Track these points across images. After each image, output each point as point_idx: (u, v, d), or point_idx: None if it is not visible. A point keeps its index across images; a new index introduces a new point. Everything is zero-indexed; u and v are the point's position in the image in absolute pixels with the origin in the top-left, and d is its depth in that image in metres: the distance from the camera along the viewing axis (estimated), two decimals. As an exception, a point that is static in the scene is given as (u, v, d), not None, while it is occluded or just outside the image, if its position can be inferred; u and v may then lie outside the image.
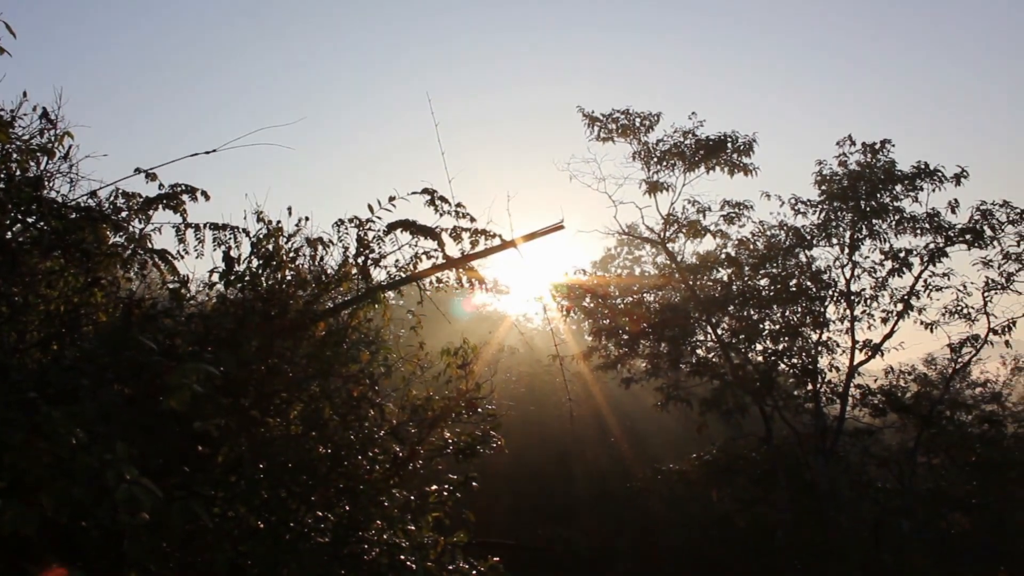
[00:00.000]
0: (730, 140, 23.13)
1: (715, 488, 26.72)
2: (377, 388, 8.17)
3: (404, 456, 8.13)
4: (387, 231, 8.32)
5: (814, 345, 24.27)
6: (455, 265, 8.44)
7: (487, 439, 8.70)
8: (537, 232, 8.33)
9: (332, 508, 7.29)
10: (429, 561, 7.63)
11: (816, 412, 24.68)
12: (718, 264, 24.68)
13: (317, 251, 8.43)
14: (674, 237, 24.83)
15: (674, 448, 32.40)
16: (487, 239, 8.43)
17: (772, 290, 24.28)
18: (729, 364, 24.22)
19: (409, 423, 8.32)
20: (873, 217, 23.73)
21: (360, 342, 8.08)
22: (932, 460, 29.49)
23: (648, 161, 23.76)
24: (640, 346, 24.76)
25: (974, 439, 27.74)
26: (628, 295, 25.68)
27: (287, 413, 7.54)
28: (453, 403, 8.55)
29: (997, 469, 26.93)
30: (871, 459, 27.03)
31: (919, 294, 23.93)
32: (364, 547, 7.04)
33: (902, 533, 24.82)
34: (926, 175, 23.35)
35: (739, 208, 24.09)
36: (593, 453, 34.61)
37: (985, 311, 23.99)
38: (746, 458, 26.18)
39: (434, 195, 8.43)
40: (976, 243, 23.21)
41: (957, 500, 26.89)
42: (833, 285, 24.36)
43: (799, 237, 24.33)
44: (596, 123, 23.77)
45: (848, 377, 24.51)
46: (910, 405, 25.85)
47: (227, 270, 7.78)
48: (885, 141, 23.90)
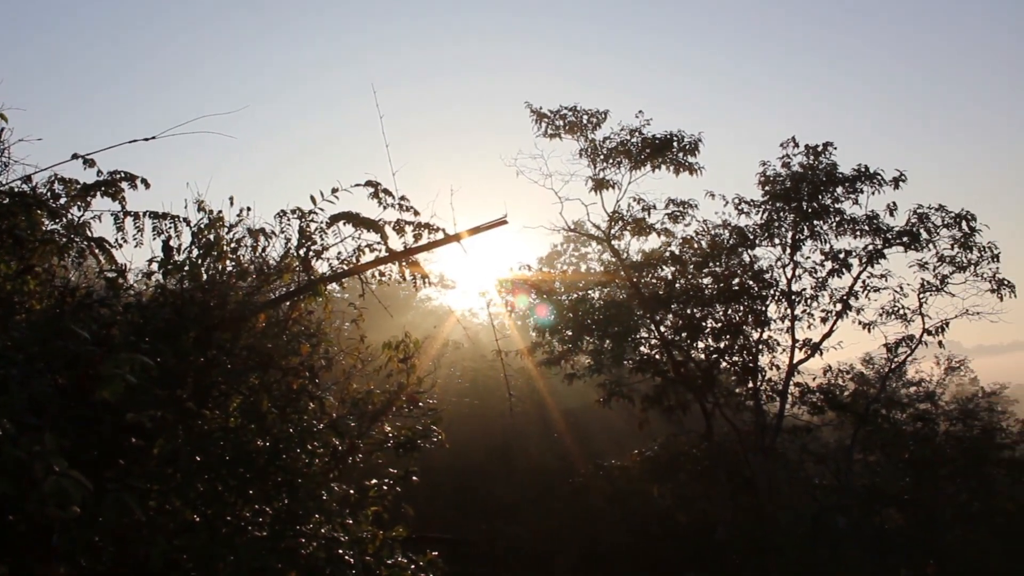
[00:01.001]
0: (676, 139, 23.28)
1: (657, 484, 26.93)
2: (317, 381, 8.11)
3: (344, 450, 8.07)
4: (330, 223, 8.25)
5: (755, 343, 24.56)
6: (398, 258, 8.40)
7: (428, 433, 8.68)
8: (480, 227, 8.31)
9: (270, 501, 7.22)
10: (367, 555, 7.59)
11: (756, 409, 25.00)
12: (662, 262, 24.84)
13: (259, 242, 8.34)
14: (620, 235, 24.95)
15: (617, 444, 32.60)
16: (431, 233, 8.40)
17: (715, 288, 24.52)
18: (671, 361, 24.42)
19: (349, 416, 8.26)
20: (814, 218, 24.09)
21: (301, 334, 8.02)
22: (868, 457, 30.10)
23: (595, 158, 23.83)
24: (584, 342, 24.85)
25: (908, 437, 28.40)
26: (572, 291, 25.74)
27: (225, 405, 7.46)
28: (394, 397, 8.52)
29: (929, 466, 27.57)
30: (809, 456, 27.48)
31: (857, 294, 24.37)
32: (302, 541, 6.97)
33: (838, 528, 25.26)
34: (866, 178, 23.76)
35: (684, 207, 24.29)
36: (536, 449, 34.69)
37: (920, 312, 24.52)
38: (687, 455, 26.44)
39: (378, 188, 8.38)
40: (912, 245, 23.71)
41: (891, 496, 27.47)
42: (775, 284, 24.68)
43: (742, 237, 24.60)
44: (544, 119, 23.78)
45: (788, 375, 24.86)
46: (847, 403, 26.34)
47: (166, 259, 7.66)
48: (827, 144, 24.25)
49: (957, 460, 27.46)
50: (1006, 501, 27.31)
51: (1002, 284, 23.27)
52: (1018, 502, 27.26)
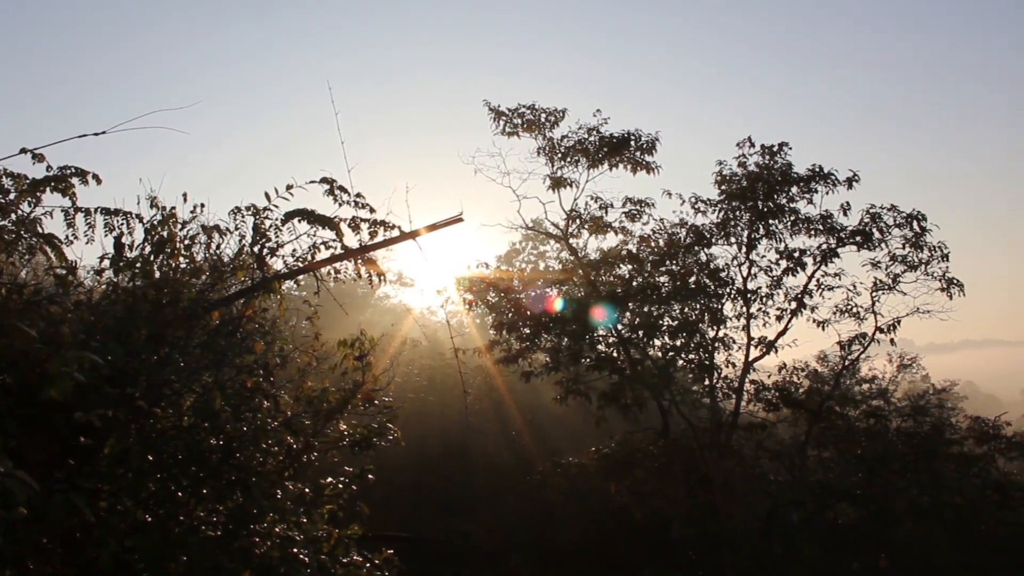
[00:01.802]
0: (633, 138, 23.39)
1: (613, 481, 27.04)
2: (272, 379, 8.06)
3: (298, 448, 8.03)
4: (285, 220, 8.20)
5: (711, 341, 24.75)
6: (353, 255, 8.37)
7: (384, 431, 8.65)
8: (436, 224, 8.31)
9: (223, 501, 7.16)
10: (322, 554, 7.56)
11: (712, 407, 25.20)
12: (620, 260, 24.94)
13: (213, 239, 8.26)
14: (577, 233, 25.04)
15: (574, 441, 32.71)
16: (386, 230, 8.38)
17: (672, 287, 24.67)
18: (628, 359, 24.53)
19: (304, 415, 8.22)
20: (770, 217, 24.33)
21: (255, 332, 7.97)
22: (822, 453, 30.50)
23: (552, 157, 23.87)
24: (542, 340, 24.89)
25: (860, 433, 28.83)
26: (530, 289, 25.76)
27: (178, 404, 7.37)
28: (350, 395, 8.48)
29: (881, 461, 28.00)
30: (764, 452, 27.77)
31: (812, 293, 24.66)
32: (256, 540, 6.93)
33: (792, 524, 25.56)
34: (820, 178, 24.05)
35: (641, 205, 24.42)
36: (494, 446, 34.74)
37: (873, 310, 24.86)
38: (643, 452, 26.59)
39: (333, 185, 8.34)
40: (865, 245, 24.05)
41: (844, 492, 27.84)
42: (731, 283, 24.88)
43: (699, 235, 24.78)
44: (502, 117, 23.77)
45: (743, 373, 25.09)
46: (802, 400, 26.65)
47: (118, 256, 7.56)
48: (783, 144, 24.48)
49: (908, 456, 27.91)
50: (954, 495, 27.79)
51: (952, 283, 23.67)
52: (966, 496, 27.77)
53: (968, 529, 27.27)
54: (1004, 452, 29.38)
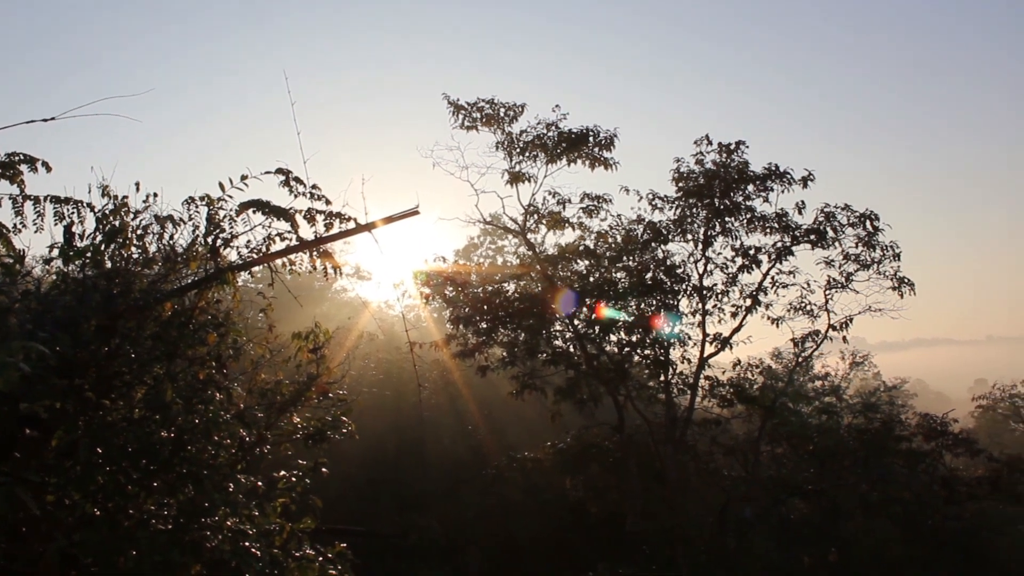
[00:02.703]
0: (592, 134, 23.46)
1: (569, 476, 27.18)
2: (225, 371, 7.97)
3: (251, 441, 7.95)
4: (239, 211, 8.08)
5: (667, 337, 24.91)
6: (308, 247, 8.29)
7: (338, 424, 8.60)
8: (392, 217, 8.26)
9: (174, 494, 7.07)
10: (275, 548, 7.50)
11: (667, 402, 25.38)
12: (577, 256, 25.01)
13: (166, 229, 8.13)
14: (535, 228, 25.07)
15: (531, 436, 32.77)
16: (342, 222, 8.31)
17: (628, 283, 24.80)
18: (584, 354, 24.62)
19: (257, 407, 8.14)
20: (726, 215, 24.55)
21: (208, 324, 7.86)
22: (775, 449, 30.88)
23: (511, 151, 23.87)
24: (499, 334, 24.91)
25: (813, 429, 29.22)
26: (488, 284, 25.76)
27: (129, 396, 7.27)
28: (304, 388, 8.42)
29: (833, 457, 28.40)
30: (718, 448, 28.05)
31: (767, 290, 24.94)
32: (207, 534, 6.85)
33: (745, 519, 25.83)
34: (776, 176, 24.30)
35: (598, 201, 24.51)
36: (450, 440, 34.67)
37: (826, 308, 25.17)
38: (599, 447, 26.74)
39: (289, 176, 8.24)
40: (820, 243, 24.37)
41: (796, 487, 28.21)
42: (687, 279, 25.08)
43: (656, 232, 24.93)
44: (461, 111, 23.72)
45: (698, 369, 25.29)
46: (756, 397, 26.93)
47: (67, 245, 7.42)
48: (740, 142, 24.70)
49: (859, 452, 28.34)
50: (903, 491, 28.28)
51: (903, 282, 24.03)
52: (914, 491, 28.27)
53: (916, 523, 27.78)
54: (951, 448, 29.98)
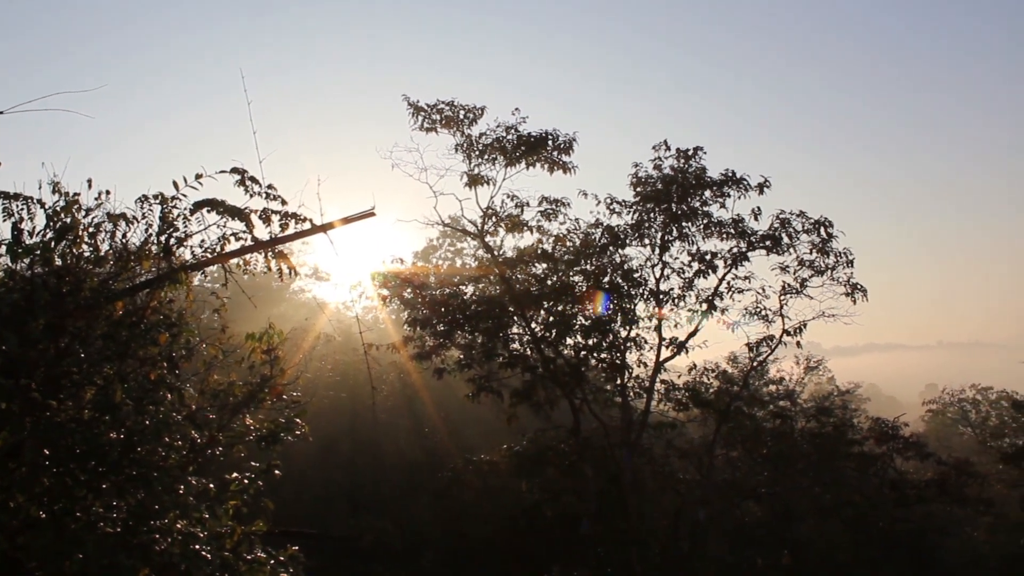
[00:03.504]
0: (551, 138, 23.48)
1: (525, 479, 27.18)
2: (177, 372, 7.87)
3: (203, 442, 7.86)
4: (193, 210, 8.00)
5: (623, 341, 25.03)
6: (263, 247, 8.22)
7: (291, 426, 8.51)
8: (348, 218, 8.21)
9: (123, 496, 6.97)
10: (226, 551, 7.42)
11: (623, 406, 25.49)
12: (535, 259, 25.02)
13: (118, 227, 8.02)
14: (494, 231, 25.03)
15: (487, 439, 32.76)
16: (298, 223, 8.25)
17: (586, 286, 24.88)
18: (541, 357, 24.64)
19: (209, 408, 8.04)
20: (683, 220, 24.73)
21: (160, 324, 7.76)
22: (730, 453, 31.20)
23: (470, 154, 23.80)
24: (456, 337, 24.87)
25: (767, 433, 29.53)
26: (446, 286, 25.69)
27: (78, 396, 7.15)
28: (257, 389, 8.33)
29: (786, 461, 28.73)
30: (674, 451, 28.25)
31: (722, 295, 25.17)
32: (156, 537, 6.76)
33: (699, 521, 26.02)
34: (733, 182, 24.53)
35: (557, 205, 24.53)
36: (407, 442, 34.60)
37: (781, 313, 25.45)
38: (555, 450, 26.77)
39: (244, 175, 8.17)
40: (775, 249, 24.64)
41: (750, 490, 28.50)
42: (644, 284, 25.21)
43: (613, 236, 25.03)
44: (420, 113, 23.60)
45: (654, 373, 25.43)
46: (711, 401, 27.16)
47: (15, 242, 7.29)
48: (698, 148, 24.89)
49: (812, 455, 28.71)
50: (854, 493, 28.70)
51: (856, 288, 24.39)
52: (865, 494, 28.71)
53: (866, 525, 28.20)
54: (902, 452, 30.52)
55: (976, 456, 39.76)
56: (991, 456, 36.80)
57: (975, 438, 49.27)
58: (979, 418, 51.81)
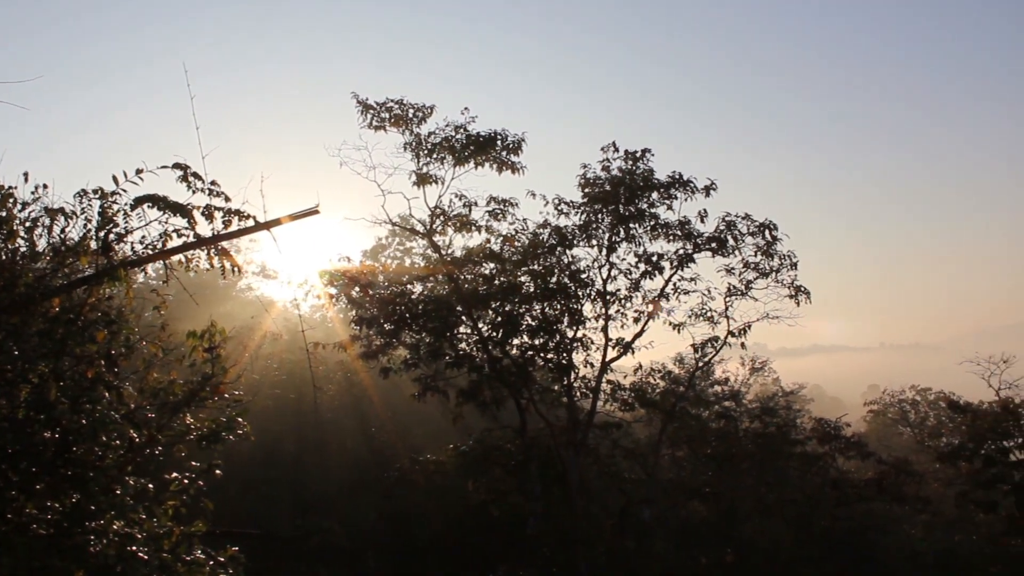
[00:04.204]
0: (500, 138, 23.46)
1: (471, 478, 27.16)
2: (116, 370, 7.73)
3: (141, 442, 7.72)
4: (134, 205, 7.85)
5: (570, 341, 25.13)
6: (206, 244, 8.10)
7: (233, 425, 8.39)
8: (292, 215, 8.13)
9: (57, 497, 6.83)
10: (164, 552, 7.31)
11: (569, 406, 25.57)
12: (483, 259, 25.00)
13: (56, 222, 7.86)
14: (442, 230, 24.95)
15: (435, 439, 32.67)
16: (241, 219, 8.14)
17: (533, 286, 24.94)
18: (488, 357, 24.63)
19: (148, 407, 7.90)
20: (631, 221, 24.90)
21: (98, 321, 7.62)
22: (675, 452, 31.49)
23: (419, 153, 23.69)
24: (403, 336, 24.77)
25: (712, 433, 29.85)
26: (393, 285, 25.57)
27: (12, 395, 6.99)
28: (198, 388, 8.20)
29: (731, 460, 29.07)
30: (620, 451, 28.41)
31: (668, 296, 25.44)
32: (91, 539, 6.63)
33: (644, 521, 26.20)
34: (680, 185, 24.76)
35: (505, 205, 24.52)
36: (353, 442, 34.36)
37: (726, 315, 25.76)
38: (501, 449, 26.81)
39: (187, 171, 8.04)
40: (720, 251, 24.95)
41: (695, 489, 28.78)
42: (591, 284, 25.35)
43: (561, 237, 25.13)
44: (370, 110, 23.45)
45: (600, 373, 25.56)
46: (656, 401, 27.36)
47: (-54, 237, 7.12)
48: (646, 150, 25.09)
49: (756, 455, 29.08)
50: (797, 492, 29.13)
51: (799, 290, 24.79)
52: (806, 493, 29.17)
53: (808, 524, 28.62)
54: (844, 451, 31.07)
55: (915, 455, 40.52)
56: (929, 455, 37.56)
57: (914, 438, 50.14)
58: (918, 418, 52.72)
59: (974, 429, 29.47)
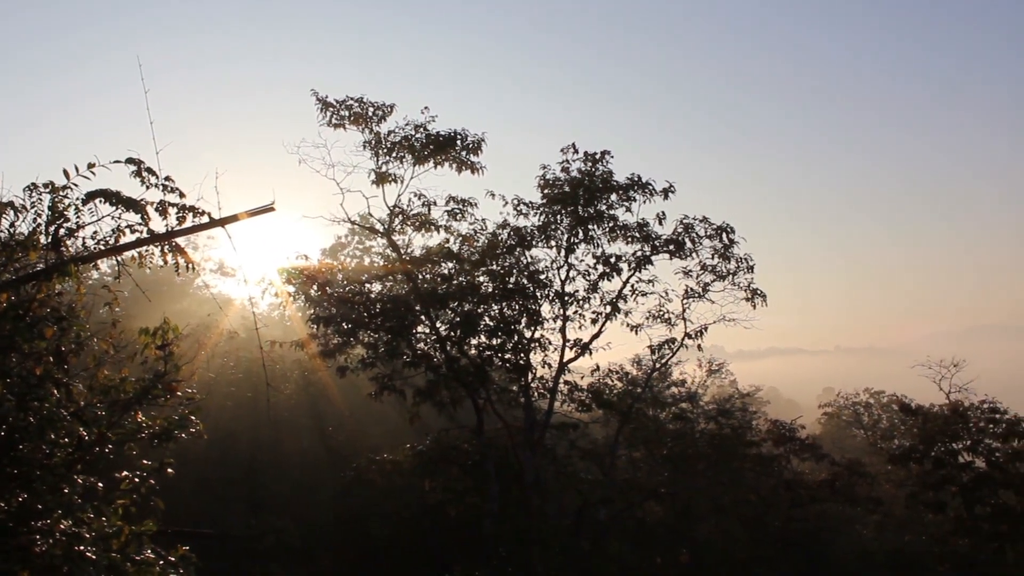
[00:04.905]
0: (460, 138, 23.44)
1: (428, 478, 27.10)
2: (65, 367, 7.62)
3: (91, 440, 7.61)
4: (86, 200, 7.75)
5: (528, 341, 25.16)
6: (160, 241, 8.00)
7: (185, 423, 8.30)
8: (247, 212, 8.05)
9: (2, 497, 6.71)
10: (113, 552, 7.20)
11: (527, 406, 25.59)
12: (442, 258, 24.97)
13: (4, 216, 7.73)
14: (401, 229, 24.90)
15: (392, 438, 32.55)
16: (196, 216, 8.05)
17: (492, 287, 24.96)
18: (445, 357, 24.60)
19: (98, 405, 7.79)
20: (589, 223, 25.01)
21: (47, 317, 7.50)
22: (632, 453, 31.65)
23: (378, 151, 23.61)
24: (361, 335, 24.66)
25: (668, 434, 30.06)
26: (352, 284, 25.45)
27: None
28: (149, 385, 8.10)
29: (687, 461, 29.29)
30: (576, 452, 28.50)
31: (626, 298, 25.56)
32: (37, 538, 6.52)
33: (600, 521, 26.30)
34: (639, 187, 24.89)
35: (464, 205, 24.51)
36: (309, 441, 34.13)
37: (683, 317, 25.95)
38: (458, 449, 26.79)
39: (140, 166, 7.94)
40: (678, 253, 25.13)
41: (651, 490, 28.95)
42: (549, 285, 25.41)
43: (520, 237, 25.19)
44: (329, 108, 23.33)
45: (558, 373, 25.62)
46: (613, 402, 27.49)
47: None
48: (605, 152, 25.17)
49: (711, 456, 29.32)
50: (751, 493, 29.43)
51: (756, 293, 25.04)
52: (761, 494, 29.49)
53: (763, 524, 28.93)
54: (798, 453, 31.46)
55: (867, 457, 41.12)
56: (881, 457, 38.10)
57: (867, 440, 50.86)
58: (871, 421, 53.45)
59: (925, 431, 29.97)
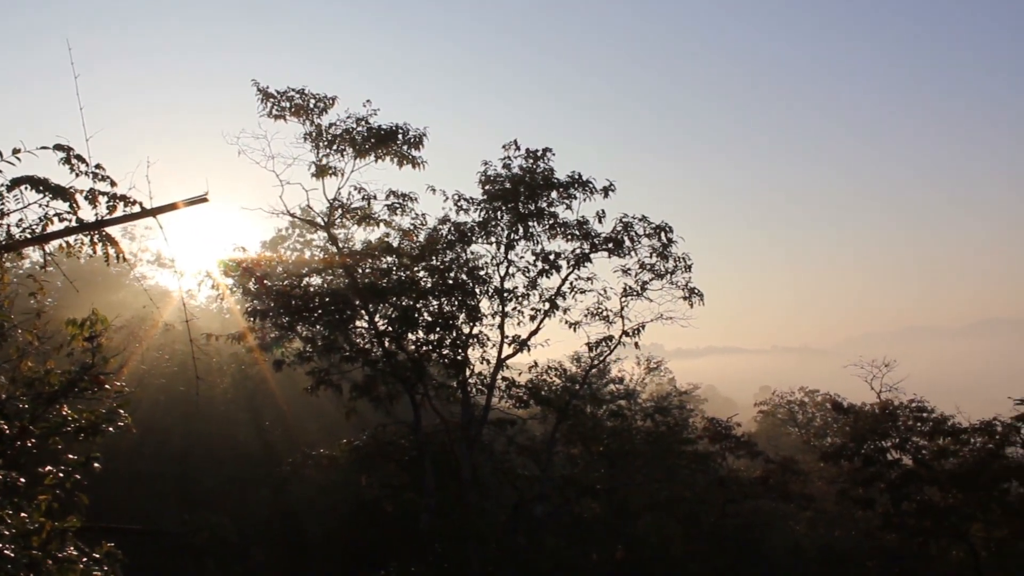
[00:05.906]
0: (401, 132, 23.36)
1: (365, 474, 26.98)
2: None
3: (12, 433, 7.42)
4: (11, 187, 7.56)
5: (466, 337, 25.17)
6: (89, 230, 7.83)
7: (113, 417, 8.13)
8: (179, 203, 7.91)
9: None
10: (33, 549, 7.03)
11: (464, 402, 25.61)
12: (381, 253, 24.87)
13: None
14: (341, 223, 24.75)
15: (328, 433, 32.34)
16: (127, 205, 7.89)
17: (431, 281, 24.93)
18: (383, 351, 24.50)
19: (21, 398, 7.60)
20: (530, 220, 25.09)
21: (-32, 307, 7.30)
22: (570, 450, 31.83)
23: (319, 144, 23.42)
24: (298, 328, 24.46)
25: (605, 431, 30.32)
26: (291, 277, 25.21)
27: None
28: (76, 377, 7.92)
29: (624, 458, 29.57)
30: (514, 448, 28.60)
31: (565, 295, 25.70)
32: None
33: (537, 517, 26.40)
34: (579, 185, 25.02)
35: (404, 199, 24.39)
36: (245, 436, 33.73)
37: (621, 315, 26.14)
38: (395, 445, 26.71)
39: (70, 153, 7.77)
40: (617, 252, 25.31)
41: (588, 486, 29.16)
42: (489, 281, 25.45)
43: (460, 233, 25.20)
44: (270, 99, 23.08)
45: (496, 369, 25.67)
46: (550, 398, 27.62)
47: None
48: (547, 149, 25.26)
49: (648, 453, 29.65)
50: (687, 490, 29.82)
51: (693, 292, 25.30)
52: (695, 491, 29.90)
53: (698, 521, 29.33)
54: (734, 450, 31.96)
55: (801, 455, 41.89)
56: (814, 455, 38.89)
57: (801, 438, 51.84)
58: (805, 419, 54.56)
59: (855, 430, 30.67)
